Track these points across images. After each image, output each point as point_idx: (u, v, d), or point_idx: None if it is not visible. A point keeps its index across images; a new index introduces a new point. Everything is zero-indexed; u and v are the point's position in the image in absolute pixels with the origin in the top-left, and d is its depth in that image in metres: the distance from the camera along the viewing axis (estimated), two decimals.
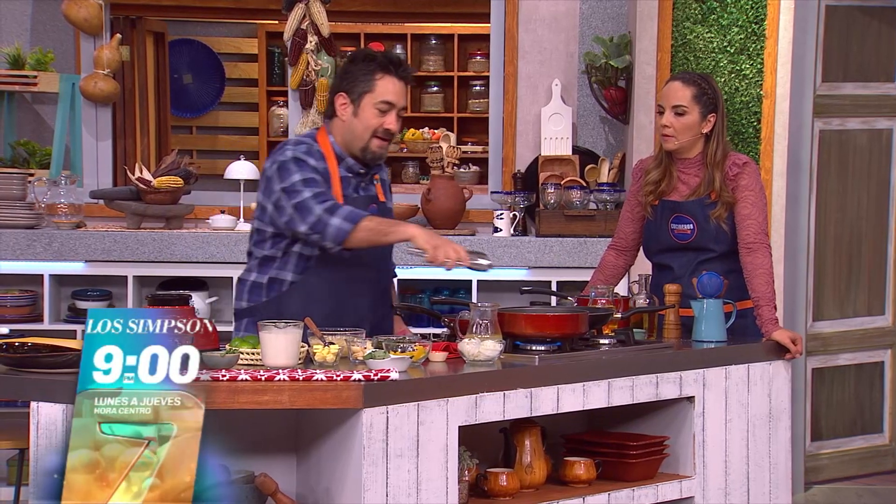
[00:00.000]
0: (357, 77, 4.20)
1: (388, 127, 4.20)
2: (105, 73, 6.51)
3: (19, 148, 6.66)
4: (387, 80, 4.19)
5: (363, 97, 4.19)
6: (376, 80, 4.19)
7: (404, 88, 4.24)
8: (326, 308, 4.16)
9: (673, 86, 4.63)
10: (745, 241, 4.57)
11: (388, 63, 4.20)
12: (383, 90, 4.19)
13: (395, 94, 4.20)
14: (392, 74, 4.20)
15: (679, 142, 4.61)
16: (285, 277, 4.25)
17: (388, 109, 4.19)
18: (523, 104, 6.52)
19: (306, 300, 4.20)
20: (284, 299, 4.23)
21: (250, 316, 4.27)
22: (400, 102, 4.21)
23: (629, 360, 4.15)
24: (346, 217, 4.03)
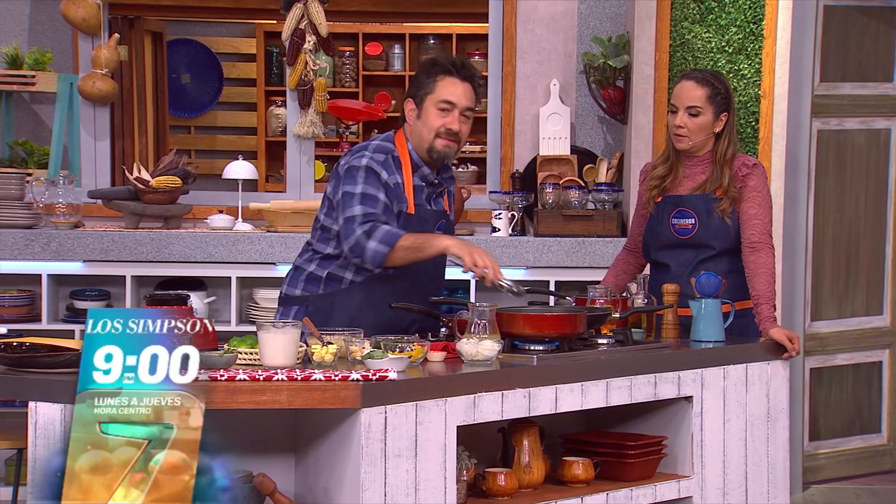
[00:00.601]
0: (421, 81, 4.31)
1: (450, 126, 4.26)
2: (103, 72, 6.50)
3: (17, 148, 6.66)
4: (447, 81, 4.27)
5: (426, 99, 4.28)
6: (437, 82, 4.27)
7: (467, 90, 4.29)
8: (379, 315, 4.22)
9: (686, 85, 4.63)
10: (749, 240, 4.58)
11: (448, 65, 4.29)
12: (443, 90, 4.26)
13: (456, 94, 4.26)
14: (452, 75, 4.27)
15: (692, 142, 4.62)
16: (345, 276, 4.31)
17: (449, 108, 4.26)
18: (522, 104, 6.52)
19: (362, 303, 4.28)
20: (341, 297, 4.29)
21: (302, 304, 4.34)
22: (462, 102, 4.26)
23: (627, 359, 4.16)
24: (381, 240, 4.10)
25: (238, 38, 10.06)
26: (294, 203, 6.22)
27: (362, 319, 4.16)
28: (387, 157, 4.28)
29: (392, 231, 4.12)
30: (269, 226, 6.19)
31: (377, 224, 4.14)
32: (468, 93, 4.29)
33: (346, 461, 3.53)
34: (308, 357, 3.75)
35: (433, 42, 10.35)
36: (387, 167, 4.25)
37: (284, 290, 4.42)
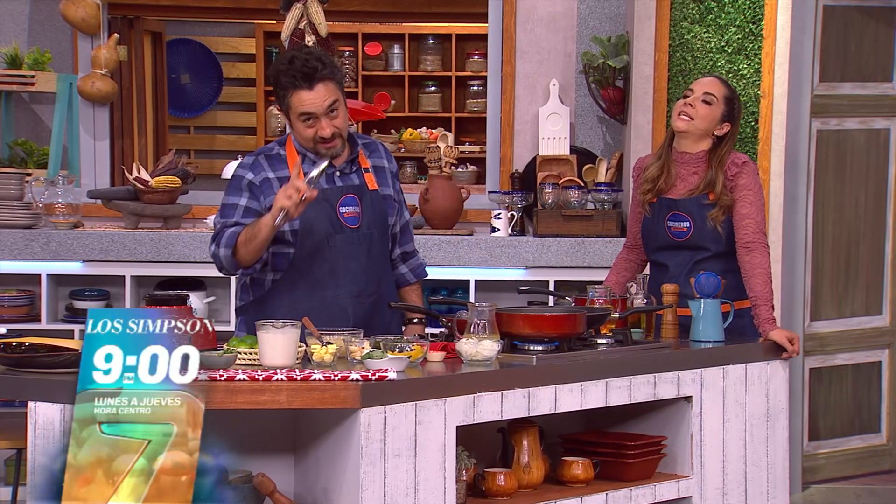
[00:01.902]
0: (279, 93, 4.20)
1: (321, 135, 4.17)
2: (103, 72, 6.50)
3: (17, 148, 6.66)
4: (298, 95, 4.13)
5: (289, 114, 4.20)
6: (291, 97, 4.15)
7: (322, 92, 4.12)
8: (308, 305, 4.16)
9: (709, 79, 4.71)
10: (743, 240, 4.57)
11: (293, 78, 4.13)
12: (298, 104, 4.14)
13: (311, 104, 4.13)
14: (301, 88, 4.12)
15: (693, 125, 4.60)
16: (265, 276, 4.28)
17: (311, 120, 4.16)
18: (521, 104, 6.52)
19: (289, 298, 4.22)
20: (268, 297, 4.26)
21: (242, 314, 4.34)
22: (320, 109, 4.14)
23: (627, 359, 4.16)
24: (224, 244, 4.12)
25: (237, 38, 10.07)
26: None
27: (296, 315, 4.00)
28: (256, 159, 4.25)
29: (232, 231, 4.12)
30: None
31: (223, 229, 4.15)
32: (322, 94, 4.13)
33: (346, 461, 3.53)
34: (307, 357, 3.75)
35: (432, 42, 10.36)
36: (255, 167, 4.23)
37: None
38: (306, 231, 4.20)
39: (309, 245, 4.21)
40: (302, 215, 4.11)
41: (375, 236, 4.29)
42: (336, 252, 4.22)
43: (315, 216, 4.19)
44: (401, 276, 4.51)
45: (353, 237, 4.24)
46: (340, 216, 4.23)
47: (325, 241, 4.21)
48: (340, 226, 4.22)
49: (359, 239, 4.25)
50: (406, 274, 4.52)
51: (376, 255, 4.32)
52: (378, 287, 4.31)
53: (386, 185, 4.37)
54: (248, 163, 4.28)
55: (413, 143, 10.07)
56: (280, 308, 4.16)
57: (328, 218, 4.21)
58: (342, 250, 4.23)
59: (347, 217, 4.25)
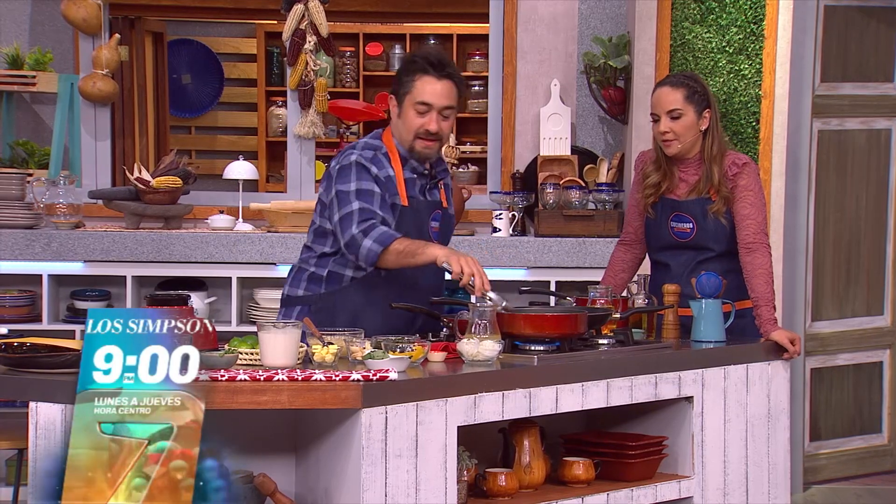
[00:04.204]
0: (401, 79, 4.26)
1: (427, 128, 4.22)
2: (104, 73, 6.51)
3: (18, 148, 6.66)
4: (424, 81, 4.21)
5: (404, 98, 4.24)
6: (414, 81, 4.22)
7: (446, 88, 4.22)
8: (382, 312, 4.19)
9: (662, 92, 4.63)
10: (744, 241, 4.57)
11: (426, 63, 4.22)
12: (420, 91, 4.21)
13: (433, 94, 4.20)
14: (429, 74, 4.21)
15: (681, 144, 4.61)
16: (345, 273, 4.29)
17: (426, 110, 4.21)
18: (522, 104, 6.52)
19: (364, 300, 4.25)
20: (343, 294, 4.27)
21: (305, 304, 4.32)
22: (439, 102, 4.21)
23: (628, 360, 4.16)
24: (377, 239, 4.08)
25: (239, 39, 10.07)
26: (294, 203, 6.22)
27: (365, 317, 4.15)
28: (375, 154, 4.26)
29: (388, 232, 4.10)
30: (269, 226, 6.19)
31: (374, 223, 4.12)
32: (446, 91, 4.22)
33: (347, 461, 3.53)
34: (309, 357, 3.75)
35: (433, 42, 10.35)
36: (376, 162, 4.23)
37: (287, 291, 4.41)
38: None
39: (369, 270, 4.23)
40: (398, 222, 4.18)
41: None
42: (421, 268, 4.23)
43: (410, 227, 4.23)
44: None
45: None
46: (430, 230, 4.30)
47: None
48: (429, 238, 4.27)
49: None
50: None
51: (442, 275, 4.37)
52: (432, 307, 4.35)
53: (449, 202, 4.46)
54: (369, 157, 4.24)
55: None
56: (351, 307, 4.19)
57: (419, 231, 4.25)
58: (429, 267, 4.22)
59: (434, 232, 4.32)
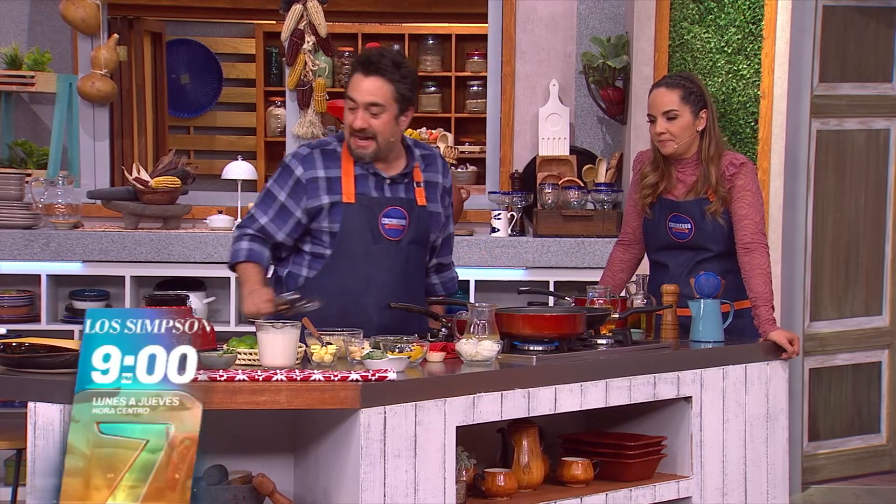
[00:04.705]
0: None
1: (351, 124, 4.18)
2: (102, 73, 6.51)
3: (17, 148, 6.66)
4: (354, 79, 4.19)
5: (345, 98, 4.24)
6: (349, 80, 4.21)
7: (373, 85, 4.15)
8: (336, 307, 4.16)
9: (658, 92, 4.63)
10: (742, 241, 4.57)
11: (356, 62, 4.20)
12: (350, 88, 4.19)
13: (358, 90, 4.16)
14: (358, 72, 4.18)
15: (677, 144, 4.61)
16: (300, 273, 4.29)
17: (353, 107, 4.18)
18: (521, 104, 6.52)
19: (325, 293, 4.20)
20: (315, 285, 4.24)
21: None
22: (363, 99, 4.15)
23: (627, 360, 4.15)
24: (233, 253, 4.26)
25: (237, 39, 10.06)
26: None
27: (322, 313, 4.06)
28: (311, 152, 4.26)
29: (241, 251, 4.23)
30: None
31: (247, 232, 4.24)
32: (372, 88, 4.15)
33: (346, 461, 3.53)
34: (307, 357, 3.75)
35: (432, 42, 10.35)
36: (307, 161, 4.24)
37: None
38: (345, 236, 4.22)
39: (345, 251, 4.22)
40: (343, 220, 4.18)
41: (414, 251, 4.30)
42: (371, 261, 4.23)
43: (357, 223, 4.22)
44: (430, 287, 4.52)
45: (392, 249, 4.25)
46: (381, 227, 4.25)
47: (363, 249, 4.22)
48: (380, 237, 4.24)
49: (397, 252, 4.26)
50: (437, 285, 4.53)
51: (412, 270, 4.33)
52: (407, 300, 4.29)
53: (435, 201, 4.37)
54: (302, 154, 4.27)
55: None
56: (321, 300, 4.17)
57: (369, 227, 4.23)
58: (378, 261, 4.24)
59: (389, 229, 4.26)
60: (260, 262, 4.23)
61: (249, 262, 4.22)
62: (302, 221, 4.23)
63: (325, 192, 4.21)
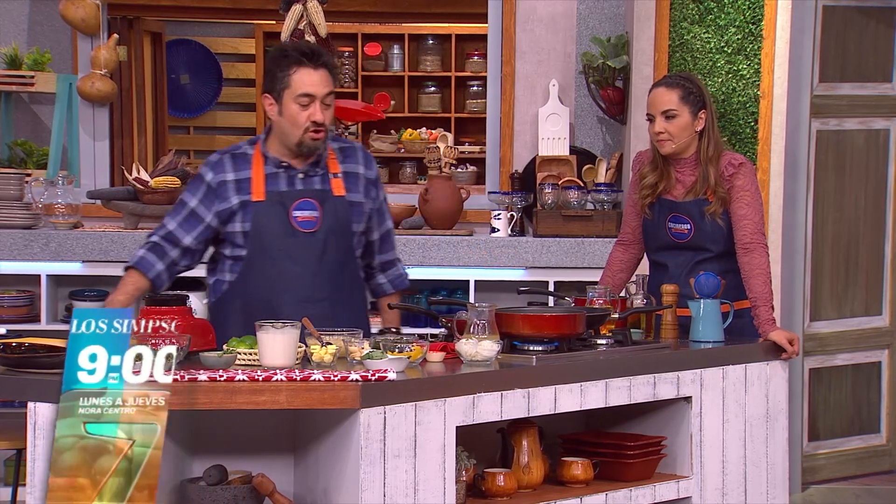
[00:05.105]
0: (275, 75, 4.19)
1: (313, 119, 4.16)
2: (102, 73, 6.51)
3: (16, 148, 6.66)
4: (301, 73, 4.15)
5: (283, 94, 4.17)
6: (291, 75, 4.16)
7: (324, 77, 4.17)
8: (259, 307, 4.14)
9: (658, 92, 4.63)
10: (741, 241, 4.57)
11: (300, 56, 4.17)
12: (299, 83, 4.15)
13: (313, 84, 4.15)
14: (306, 66, 4.15)
15: (675, 144, 4.61)
16: (224, 278, 4.30)
17: (308, 102, 4.16)
18: (521, 104, 6.52)
19: (241, 301, 4.21)
20: (226, 300, 4.26)
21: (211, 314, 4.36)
22: (320, 92, 4.16)
23: (627, 360, 4.15)
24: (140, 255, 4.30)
25: (237, 39, 10.07)
26: None
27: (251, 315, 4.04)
28: (221, 157, 4.28)
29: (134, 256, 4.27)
30: None
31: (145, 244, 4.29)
32: (325, 79, 4.17)
33: (346, 461, 3.53)
34: (307, 357, 3.75)
35: (432, 42, 10.36)
36: (217, 167, 4.25)
37: None
38: (257, 234, 4.20)
39: (259, 248, 4.21)
40: (253, 218, 4.19)
41: (332, 242, 4.25)
42: (285, 256, 4.20)
43: (267, 219, 4.20)
44: (378, 287, 4.50)
45: (306, 242, 4.21)
46: (293, 220, 4.21)
47: (275, 245, 4.20)
48: (292, 230, 4.21)
49: (312, 243, 4.22)
50: (384, 284, 4.50)
51: (330, 261, 4.26)
52: (331, 292, 4.26)
53: (356, 191, 4.33)
54: (213, 161, 4.29)
55: (413, 144, 10.07)
56: (234, 311, 4.16)
57: (280, 221, 4.21)
58: (291, 254, 4.21)
59: (301, 221, 4.22)
60: (146, 273, 4.24)
61: (135, 270, 4.23)
62: (212, 225, 4.23)
63: (234, 193, 4.21)
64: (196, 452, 3.73)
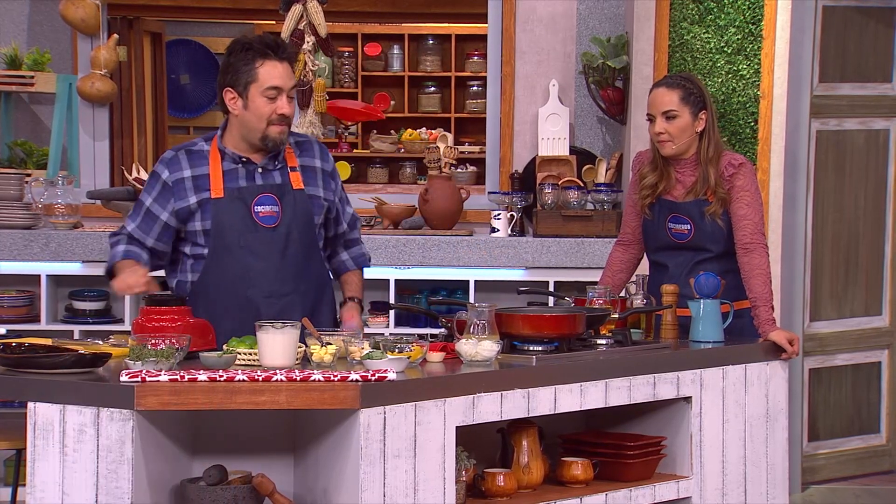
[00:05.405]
0: (239, 68, 4.15)
1: (280, 112, 4.14)
2: (102, 73, 6.50)
3: (16, 148, 6.66)
4: (268, 66, 4.13)
5: (249, 87, 4.14)
6: (258, 68, 4.13)
7: (288, 70, 4.17)
8: (224, 305, 4.14)
9: (658, 92, 4.63)
10: (741, 241, 4.58)
11: (265, 48, 4.15)
12: (267, 76, 4.13)
13: (280, 77, 4.14)
14: (272, 59, 4.14)
15: (676, 145, 4.61)
16: (186, 279, 4.27)
17: (276, 95, 4.14)
18: (521, 104, 6.52)
19: (205, 300, 4.17)
20: (192, 301, 4.18)
21: None
22: (286, 85, 4.15)
23: (626, 360, 4.15)
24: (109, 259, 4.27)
25: None
26: None
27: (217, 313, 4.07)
28: (175, 155, 4.25)
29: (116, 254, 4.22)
30: None
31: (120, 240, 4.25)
32: (290, 72, 4.18)
33: (346, 461, 3.53)
34: (307, 357, 3.75)
35: (432, 42, 10.37)
36: (172, 164, 4.22)
37: None
38: (218, 231, 4.18)
39: (221, 245, 4.18)
40: (213, 215, 4.16)
41: (295, 236, 4.23)
42: (248, 252, 4.18)
43: (228, 216, 4.18)
44: (341, 264, 4.47)
45: (268, 237, 4.19)
46: (255, 215, 4.19)
47: (237, 241, 4.18)
48: (254, 225, 4.19)
49: (274, 238, 4.20)
50: (347, 261, 4.47)
51: (294, 255, 4.24)
52: (296, 286, 4.24)
53: (314, 184, 4.31)
54: (167, 158, 4.25)
55: (413, 144, 10.07)
56: (199, 310, 4.07)
57: (241, 217, 4.18)
58: (254, 250, 4.18)
59: (263, 216, 4.20)
60: (139, 261, 4.20)
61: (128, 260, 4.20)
62: (170, 224, 4.20)
63: (192, 191, 4.18)
64: (196, 452, 3.73)
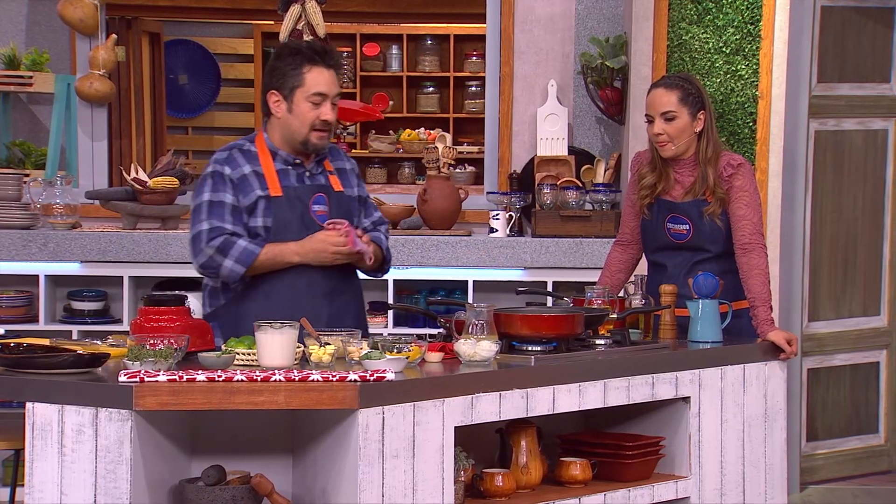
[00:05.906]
0: (286, 72, 4.20)
1: (324, 118, 4.19)
2: (101, 73, 6.50)
3: (15, 148, 6.66)
4: (315, 72, 4.19)
5: (294, 92, 4.19)
6: (305, 74, 4.18)
7: (334, 77, 4.23)
8: (283, 304, 4.16)
9: (657, 93, 4.64)
10: (740, 241, 4.58)
11: (313, 54, 4.20)
12: (313, 82, 4.19)
13: (326, 84, 4.20)
14: (320, 65, 4.19)
15: (675, 146, 4.61)
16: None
17: (321, 101, 4.19)
18: (519, 105, 6.52)
19: (265, 299, 4.20)
20: (243, 299, 4.22)
21: (214, 320, 4.27)
22: (332, 91, 4.21)
23: (625, 360, 4.16)
24: (238, 259, 4.13)
25: (235, 39, 10.06)
26: None
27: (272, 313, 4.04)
28: (230, 153, 4.26)
29: (248, 249, 4.14)
30: None
31: (230, 239, 4.15)
32: (335, 79, 4.23)
33: (344, 462, 3.53)
34: (305, 358, 3.75)
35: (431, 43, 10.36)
36: (230, 162, 4.23)
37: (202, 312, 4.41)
38: (279, 230, 4.20)
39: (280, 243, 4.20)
40: (274, 213, 4.18)
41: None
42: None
43: (288, 215, 4.21)
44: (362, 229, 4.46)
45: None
46: (313, 214, 4.25)
47: (294, 240, 4.20)
48: (313, 224, 4.24)
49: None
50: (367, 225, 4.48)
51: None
52: (349, 285, 4.31)
53: (350, 186, 4.40)
54: (223, 157, 4.26)
55: (411, 144, 10.07)
56: (256, 309, 4.12)
57: (301, 216, 4.23)
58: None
59: (319, 215, 4.26)
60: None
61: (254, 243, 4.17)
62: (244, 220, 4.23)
63: (254, 187, 4.21)
64: (195, 453, 3.73)
